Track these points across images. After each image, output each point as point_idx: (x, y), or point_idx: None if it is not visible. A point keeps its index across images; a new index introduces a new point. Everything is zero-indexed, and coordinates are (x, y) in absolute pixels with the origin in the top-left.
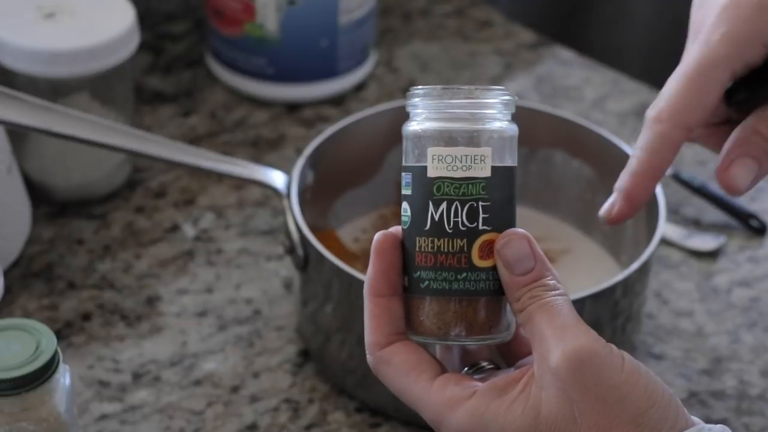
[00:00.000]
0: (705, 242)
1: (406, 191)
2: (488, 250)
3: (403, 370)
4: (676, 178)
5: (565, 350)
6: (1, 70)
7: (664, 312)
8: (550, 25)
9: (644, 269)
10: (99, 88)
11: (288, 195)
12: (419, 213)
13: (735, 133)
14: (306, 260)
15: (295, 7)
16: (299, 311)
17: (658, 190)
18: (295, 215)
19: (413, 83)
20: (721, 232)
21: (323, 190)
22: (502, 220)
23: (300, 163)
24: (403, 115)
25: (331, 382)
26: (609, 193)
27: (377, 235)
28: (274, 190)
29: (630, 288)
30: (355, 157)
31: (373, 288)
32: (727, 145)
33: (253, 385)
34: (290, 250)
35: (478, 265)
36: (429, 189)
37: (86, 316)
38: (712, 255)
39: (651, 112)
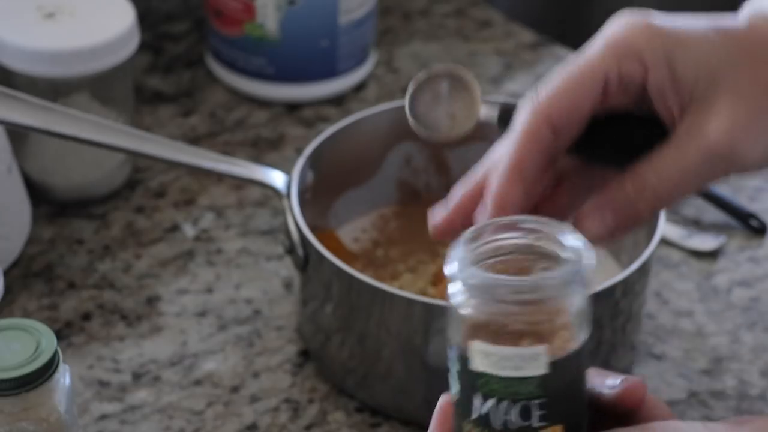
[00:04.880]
0: (705, 242)
1: (451, 366)
2: None
3: None
4: None
5: None
6: (1, 70)
7: (664, 312)
8: (550, 25)
9: (644, 269)
10: (99, 88)
11: (288, 195)
12: (465, 399)
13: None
14: (306, 260)
15: (295, 7)
16: (299, 311)
17: None
18: (295, 215)
19: None
20: (721, 232)
21: (323, 190)
22: (565, 411)
23: (300, 163)
24: (403, 116)
25: (331, 382)
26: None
27: (441, 400)
28: (274, 190)
29: (630, 288)
30: (355, 157)
31: None
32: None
33: (253, 385)
34: (290, 250)
35: None
36: (473, 381)
37: (86, 316)
38: (712, 255)
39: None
